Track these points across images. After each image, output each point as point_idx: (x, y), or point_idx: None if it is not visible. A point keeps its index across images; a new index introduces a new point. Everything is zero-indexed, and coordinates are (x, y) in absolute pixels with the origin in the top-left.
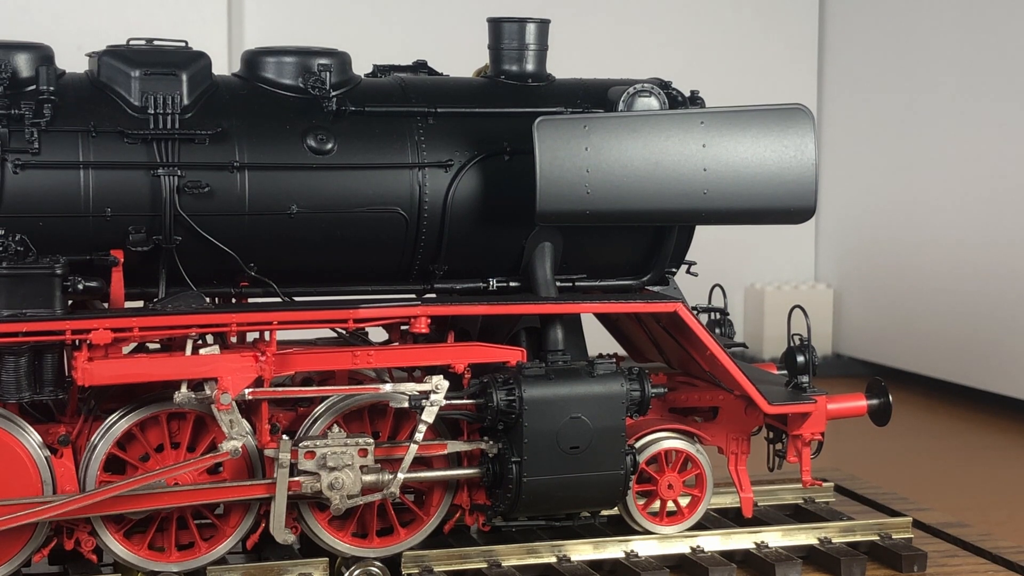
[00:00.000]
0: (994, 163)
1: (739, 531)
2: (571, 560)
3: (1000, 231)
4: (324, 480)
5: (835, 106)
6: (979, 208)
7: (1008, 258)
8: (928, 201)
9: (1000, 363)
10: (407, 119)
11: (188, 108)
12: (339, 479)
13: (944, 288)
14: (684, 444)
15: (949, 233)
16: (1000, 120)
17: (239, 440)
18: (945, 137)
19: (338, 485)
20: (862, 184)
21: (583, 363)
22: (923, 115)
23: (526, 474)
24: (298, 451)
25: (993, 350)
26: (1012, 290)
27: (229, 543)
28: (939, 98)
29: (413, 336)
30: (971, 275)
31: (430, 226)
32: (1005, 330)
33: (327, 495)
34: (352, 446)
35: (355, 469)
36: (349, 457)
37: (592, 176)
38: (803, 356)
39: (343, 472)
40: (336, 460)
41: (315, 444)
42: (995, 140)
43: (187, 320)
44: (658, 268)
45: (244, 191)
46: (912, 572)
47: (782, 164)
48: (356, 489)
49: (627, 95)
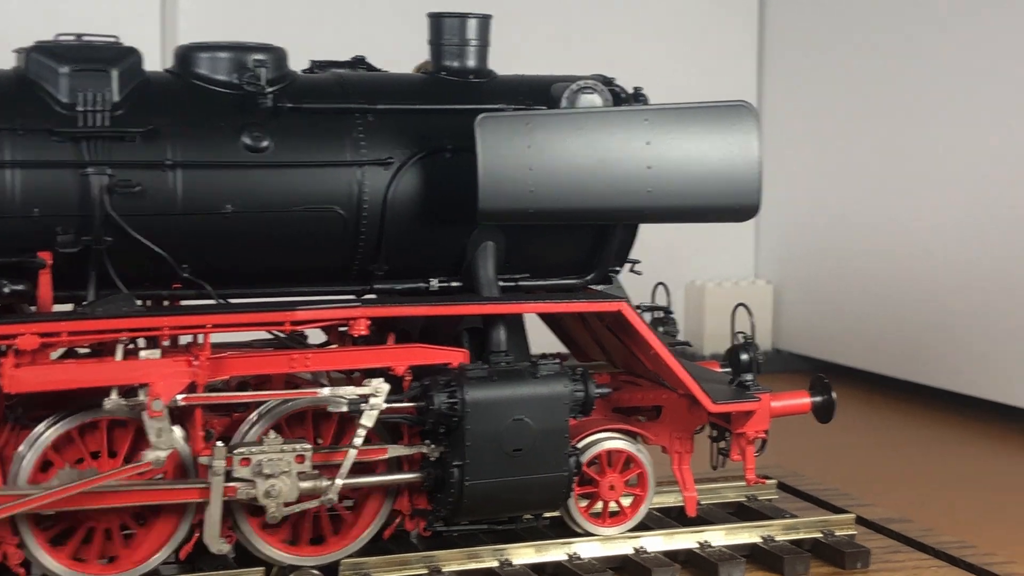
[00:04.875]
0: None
1: (682, 531)
2: (513, 564)
3: (938, 227)
4: (260, 487)
5: (775, 104)
6: (917, 204)
7: (946, 253)
8: (867, 198)
9: (939, 358)
10: (346, 116)
11: (119, 105)
12: (275, 486)
13: (883, 284)
14: (625, 444)
15: (888, 229)
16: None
17: (164, 451)
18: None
19: (274, 492)
20: (802, 181)
21: (526, 364)
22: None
23: (468, 478)
24: (233, 458)
25: (932, 345)
26: (950, 285)
27: (163, 554)
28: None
29: (352, 338)
30: (910, 270)
31: (369, 225)
32: (943, 325)
33: (263, 503)
34: (289, 452)
35: (292, 476)
36: (286, 464)
37: (535, 174)
38: (747, 354)
39: (279, 479)
40: (272, 467)
41: (250, 450)
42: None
43: (118, 324)
44: (602, 267)
45: (177, 190)
46: (855, 569)
47: (726, 161)
48: (293, 496)
49: (570, 91)
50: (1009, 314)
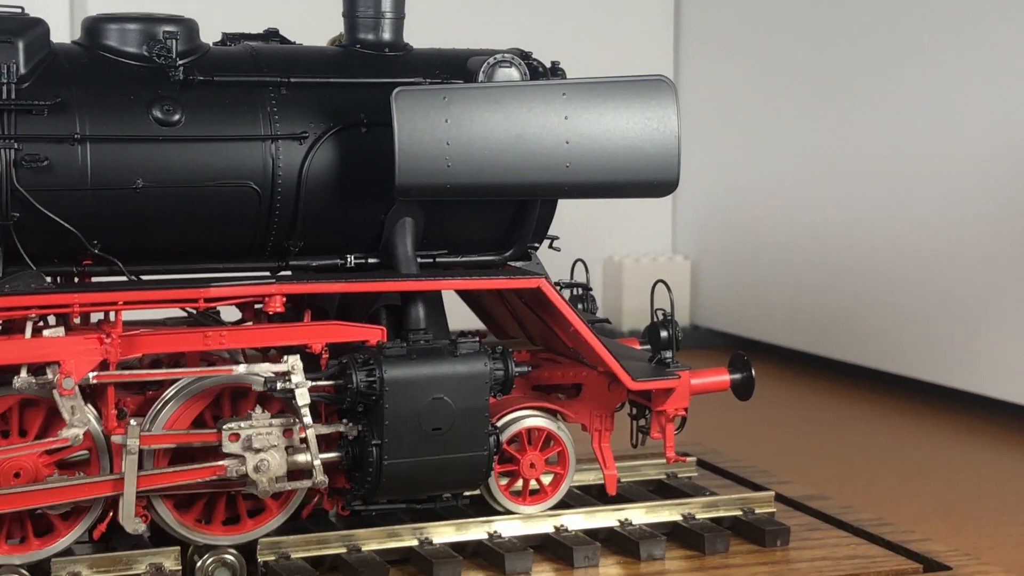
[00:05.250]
0: (849, 137)
1: (603, 509)
2: (433, 543)
3: (855, 204)
4: (249, 463)
5: (691, 79)
6: (834, 181)
7: (862, 229)
8: (783, 173)
9: (855, 334)
10: (259, 89)
11: (25, 77)
12: (265, 461)
13: (800, 260)
14: (545, 422)
15: (804, 205)
16: (855, 93)
17: (80, 428)
18: (800, 111)
19: (264, 467)
20: (718, 157)
21: (445, 342)
22: (780, 88)
23: (387, 457)
24: (222, 433)
25: (848, 321)
26: (866, 261)
27: (74, 534)
28: (797, 71)
29: (268, 316)
30: (826, 246)
31: (284, 201)
32: (859, 301)
33: (253, 478)
34: (277, 427)
35: (281, 450)
36: (275, 438)
37: (453, 149)
38: (666, 331)
39: (269, 454)
40: (262, 441)
41: (240, 425)
42: (850, 113)
43: (26, 301)
44: (520, 243)
45: (86, 165)
46: (775, 547)
47: (645, 136)
48: (283, 471)
49: (487, 65)
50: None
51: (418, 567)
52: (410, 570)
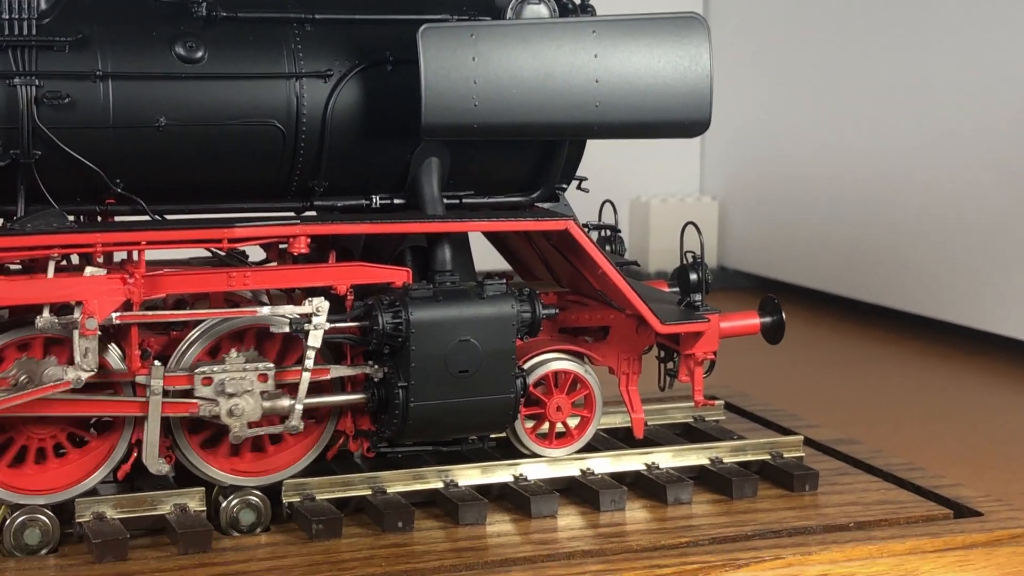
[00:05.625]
0: (879, 75)
1: (629, 452)
2: (458, 485)
3: (884, 145)
4: (223, 406)
5: (720, 17)
6: (863, 121)
7: (892, 169)
8: (812, 114)
9: (883, 275)
10: (283, 26)
11: (46, 13)
12: (239, 405)
13: (828, 200)
14: (572, 365)
15: (833, 146)
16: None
17: (86, 372)
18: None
19: (238, 412)
20: (747, 97)
21: (472, 284)
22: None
23: (413, 399)
24: (193, 376)
25: (877, 262)
26: (896, 201)
27: (100, 474)
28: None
29: (292, 256)
30: (854, 188)
31: (309, 140)
32: (889, 242)
33: (226, 422)
34: (251, 371)
35: (255, 395)
36: (249, 383)
37: (480, 88)
38: (696, 274)
39: (243, 398)
40: (235, 386)
41: (212, 369)
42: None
43: (48, 240)
44: (548, 184)
45: (108, 102)
46: (804, 491)
47: (676, 75)
48: (257, 416)
49: (515, 2)
50: (955, 233)
51: (443, 509)
52: (435, 512)
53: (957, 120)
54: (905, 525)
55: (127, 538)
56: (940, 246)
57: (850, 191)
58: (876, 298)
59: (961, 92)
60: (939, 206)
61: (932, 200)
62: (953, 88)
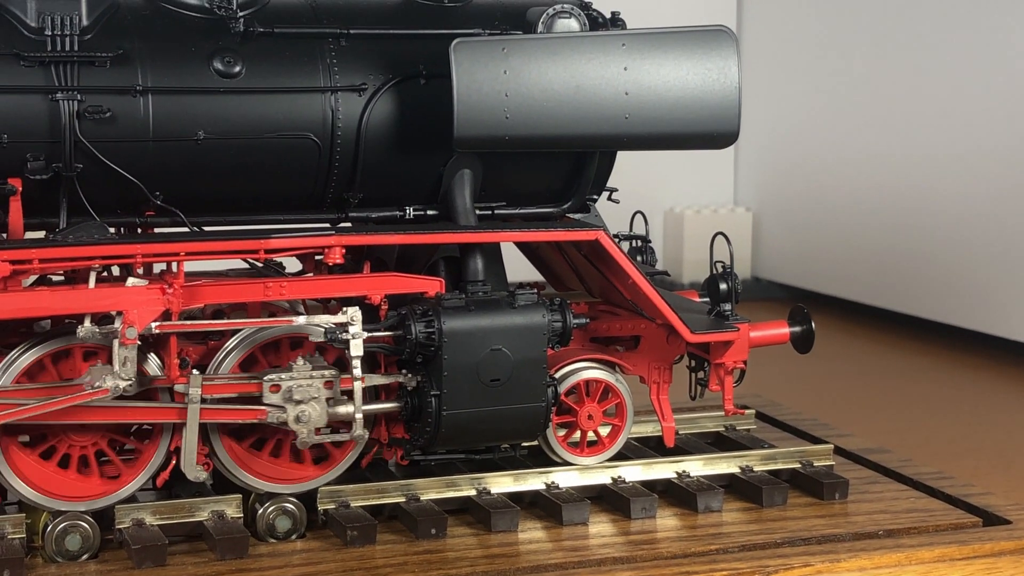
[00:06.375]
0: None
1: (660, 461)
2: (491, 493)
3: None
4: (291, 413)
5: (754, 28)
6: (897, 131)
7: (925, 179)
8: (848, 126)
9: (917, 285)
10: (318, 41)
11: (88, 29)
12: (306, 412)
13: (862, 211)
14: (603, 374)
15: (866, 157)
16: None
17: (125, 381)
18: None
19: (305, 418)
20: (781, 108)
21: (504, 294)
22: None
23: (445, 407)
24: (263, 384)
25: (910, 273)
26: (929, 213)
27: (138, 481)
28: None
29: (328, 267)
30: (888, 197)
31: (344, 153)
32: (922, 253)
33: (294, 428)
34: (318, 378)
35: (321, 402)
36: (316, 390)
37: (511, 100)
38: (726, 284)
39: (310, 405)
40: (303, 393)
41: (280, 376)
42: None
43: (90, 251)
44: (579, 195)
45: (148, 116)
46: (834, 500)
47: (705, 87)
48: (323, 422)
49: (546, 16)
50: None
51: (476, 517)
52: (468, 519)
53: (990, 129)
54: (934, 533)
55: (166, 544)
56: (973, 257)
57: (883, 202)
58: (909, 308)
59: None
60: (973, 216)
61: (966, 210)
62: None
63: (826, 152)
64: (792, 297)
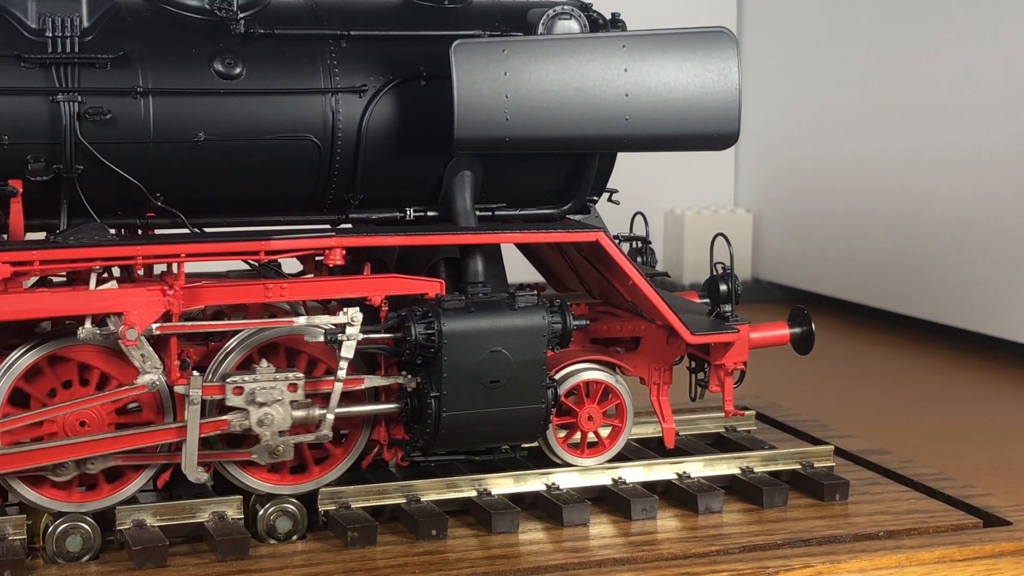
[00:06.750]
0: (912, 86)
1: (661, 462)
2: (492, 494)
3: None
4: (253, 416)
5: (754, 29)
6: (896, 132)
7: (925, 182)
8: (846, 125)
9: (917, 286)
10: (319, 42)
11: (88, 31)
12: (269, 415)
13: (862, 212)
14: (603, 375)
15: (867, 159)
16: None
17: (155, 373)
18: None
19: (268, 421)
20: (781, 109)
21: (504, 295)
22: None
23: (445, 409)
24: (224, 387)
25: (910, 274)
26: (929, 215)
27: (139, 482)
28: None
29: (328, 268)
30: (888, 198)
31: (344, 154)
32: (922, 254)
33: (257, 431)
34: (282, 381)
35: (285, 405)
36: (279, 392)
37: (511, 102)
38: (726, 285)
39: (273, 408)
40: (266, 395)
41: (243, 379)
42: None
43: (90, 253)
44: (579, 196)
45: (148, 118)
46: (834, 501)
47: (705, 89)
48: (287, 425)
49: (547, 18)
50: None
51: (476, 518)
52: (468, 520)
53: (990, 131)
54: (934, 534)
55: (166, 545)
56: (972, 258)
57: (883, 203)
58: (909, 310)
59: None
60: (973, 217)
61: (966, 211)
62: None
63: (826, 153)
64: (792, 298)
